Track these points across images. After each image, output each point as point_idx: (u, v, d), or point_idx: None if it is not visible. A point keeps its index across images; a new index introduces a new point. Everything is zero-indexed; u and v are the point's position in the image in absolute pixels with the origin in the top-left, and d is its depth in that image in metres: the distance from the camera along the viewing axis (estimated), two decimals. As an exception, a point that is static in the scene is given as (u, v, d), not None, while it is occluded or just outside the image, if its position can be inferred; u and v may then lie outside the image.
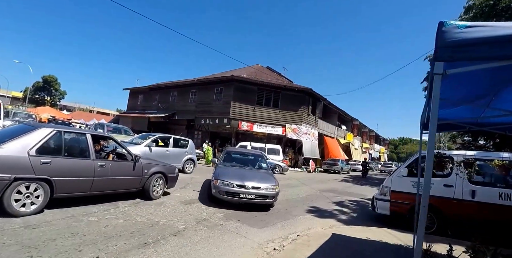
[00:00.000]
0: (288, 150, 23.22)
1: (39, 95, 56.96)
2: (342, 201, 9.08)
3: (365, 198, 10.17)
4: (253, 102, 22.45)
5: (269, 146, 19.53)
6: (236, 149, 11.74)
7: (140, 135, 12.30)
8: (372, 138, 47.25)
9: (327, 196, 9.86)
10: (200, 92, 25.17)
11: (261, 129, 22.01)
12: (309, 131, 23.78)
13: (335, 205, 8.34)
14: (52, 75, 57.32)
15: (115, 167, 5.36)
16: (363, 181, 18.06)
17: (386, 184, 6.13)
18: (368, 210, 7.74)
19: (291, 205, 7.46)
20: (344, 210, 7.65)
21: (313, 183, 13.73)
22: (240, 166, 7.74)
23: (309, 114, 24.26)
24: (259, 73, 25.66)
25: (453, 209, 5.24)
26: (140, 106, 32.59)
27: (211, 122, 22.98)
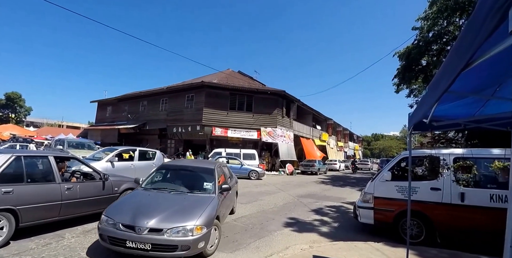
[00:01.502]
0: (265, 154, 22.98)
1: (3, 113, 54.04)
2: (321, 208, 8.70)
3: (344, 202, 9.93)
4: (226, 107, 22.04)
5: (245, 151, 19.20)
6: (176, 162, 7.37)
7: (103, 149, 11.51)
8: (346, 136, 48.21)
9: (305, 203, 9.52)
10: (170, 100, 24.40)
11: (235, 134, 21.63)
12: (285, 133, 23.69)
13: (315, 213, 7.90)
14: (15, 92, 55.05)
15: (83, 189, 5.18)
16: (340, 182, 18.07)
17: (368, 190, 5.70)
18: (349, 218, 7.37)
19: (267, 218, 6.97)
20: (324, 220, 7.20)
21: (290, 188, 13.48)
22: (165, 190, 4.77)
23: (283, 116, 24.19)
24: (230, 78, 25.30)
25: (442, 215, 4.85)
26: (109, 118, 31.16)
27: (183, 130, 22.29)
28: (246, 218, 6.77)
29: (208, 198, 4.46)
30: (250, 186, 12.89)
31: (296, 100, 25.60)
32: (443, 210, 4.84)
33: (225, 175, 5.98)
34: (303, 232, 5.89)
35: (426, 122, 3.30)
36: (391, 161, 5.99)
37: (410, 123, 3.43)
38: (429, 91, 2.40)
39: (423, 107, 2.74)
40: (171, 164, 6.01)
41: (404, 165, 5.71)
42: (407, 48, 15.78)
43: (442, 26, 14.34)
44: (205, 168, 5.47)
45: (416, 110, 3.25)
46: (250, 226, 6.07)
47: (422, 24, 14.74)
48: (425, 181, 4.94)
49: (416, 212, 4.84)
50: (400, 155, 6.00)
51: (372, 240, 5.12)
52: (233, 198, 6.68)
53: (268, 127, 22.40)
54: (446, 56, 14.86)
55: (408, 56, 15.47)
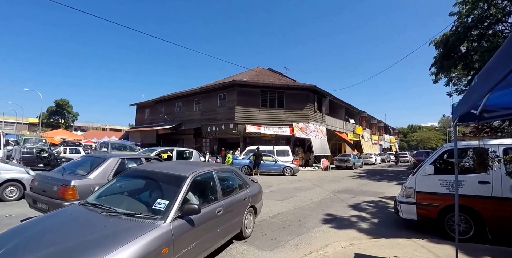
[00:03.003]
0: (298, 150, 22.87)
1: (54, 119, 59.01)
2: (359, 204, 8.53)
3: (383, 197, 9.67)
4: (258, 105, 22.23)
5: (278, 148, 19.28)
6: (148, 166, 4.77)
7: (143, 150, 12.23)
8: (381, 129, 46.36)
9: (342, 198, 9.41)
10: (204, 100, 25.11)
11: (268, 131, 21.75)
12: (317, 128, 23.40)
13: (353, 209, 7.76)
14: (64, 99, 59.79)
15: None
16: (377, 176, 17.51)
17: (410, 185, 5.49)
18: (389, 213, 7.20)
19: (304, 214, 6.96)
20: (363, 216, 7.03)
21: (326, 183, 13.35)
22: (101, 208, 3.17)
23: (315, 111, 23.90)
24: (261, 76, 25.46)
25: (493, 209, 4.56)
26: (148, 119, 32.78)
27: (217, 129, 22.85)
28: (283, 215, 6.82)
29: (142, 229, 2.63)
30: (285, 183, 12.98)
31: (328, 94, 25.13)
32: (494, 204, 4.56)
33: (217, 187, 4.09)
34: (342, 228, 5.80)
35: (476, 113, 3.08)
36: (433, 154, 5.72)
37: (455, 114, 3.21)
38: (478, 80, 2.27)
39: (471, 97, 2.53)
40: (140, 168, 4.41)
41: (447, 157, 5.47)
42: (444, 35, 14.85)
43: (483, 9, 13.25)
44: (175, 176, 3.66)
45: (462, 101, 3.02)
46: (287, 223, 6.08)
47: (460, 9, 13.77)
48: (472, 174, 4.64)
49: (463, 206, 4.58)
50: (443, 147, 5.71)
51: (415, 237, 4.95)
52: (238, 220, 4.41)
53: (300, 122, 22.27)
54: (488, 41, 13.71)
55: (446, 44, 14.55)
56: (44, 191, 4.94)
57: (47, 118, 58.38)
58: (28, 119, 60.42)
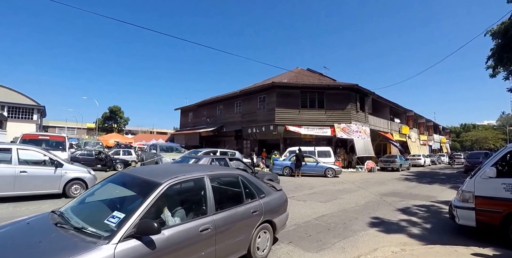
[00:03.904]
0: (340, 151, 22.27)
1: (108, 124, 64.38)
2: (408, 207, 8.09)
3: (435, 201, 9.06)
4: (298, 106, 22.08)
5: (319, 149, 18.96)
6: (133, 170, 3.77)
7: (189, 152, 12.81)
8: (430, 128, 43.17)
9: (389, 201, 8.99)
10: (244, 102, 25.59)
11: (308, 131, 21.49)
12: (360, 129, 22.58)
13: (401, 213, 7.39)
14: (116, 105, 65.17)
15: None
16: (427, 179, 16.37)
17: (467, 189, 5.08)
18: (443, 218, 6.75)
19: (350, 217, 6.78)
20: (413, 220, 6.66)
21: (371, 185, 12.82)
22: (66, 220, 2.73)
23: (358, 111, 23.10)
24: (300, 76, 25.29)
25: None
26: (191, 123, 34.25)
27: (257, 131, 23.12)
28: (327, 217, 6.73)
29: (74, 251, 2.10)
30: (327, 184, 12.74)
31: (371, 93, 24.14)
32: None
33: (208, 198, 3.27)
34: (390, 233, 5.57)
35: None
36: (494, 155, 5.24)
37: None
38: None
39: None
40: (126, 171, 3.73)
41: (510, 159, 4.98)
42: (503, 25, 13.45)
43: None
44: (147, 182, 3.03)
45: None
46: (332, 225, 5.99)
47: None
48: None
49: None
50: (506, 147, 5.18)
51: (473, 245, 4.60)
52: (242, 239, 3.54)
53: (342, 123, 21.68)
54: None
55: (505, 34, 13.20)
56: None
57: (102, 123, 63.80)
58: (87, 125, 66.60)
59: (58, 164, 7.84)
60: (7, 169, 7.08)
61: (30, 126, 40.90)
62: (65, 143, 12.94)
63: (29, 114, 44.43)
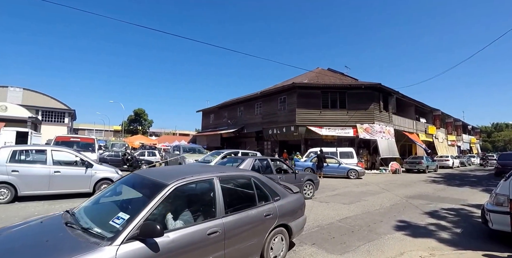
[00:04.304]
0: (363, 152, 21.78)
1: (133, 126, 66.68)
2: (436, 211, 7.77)
3: (465, 204, 8.64)
4: (319, 106, 21.85)
5: (341, 150, 18.64)
6: (144, 171, 3.77)
7: (211, 153, 13.01)
8: (458, 128, 41.14)
9: (416, 204, 8.67)
10: (264, 104, 25.64)
11: (330, 132, 21.19)
12: (384, 129, 21.97)
13: (429, 217, 7.10)
14: (141, 108, 67.49)
15: (285, 178, 8.47)
16: (457, 181, 15.62)
17: (502, 192, 4.83)
18: (474, 223, 6.45)
19: (374, 220, 6.61)
20: (442, 224, 6.39)
21: (395, 187, 12.44)
22: (77, 220, 2.81)
23: (381, 111, 22.50)
24: (321, 76, 25.02)
25: None
26: (212, 124, 34.75)
27: (278, 132, 23.07)
28: (351, 219, 6.62)
29: (76, 251, 2.12)
30: (350, 186, 12.51)
31: (395, 92, 23.43)
32: None
33: (217, 200, 3.17)
34: (418, 237, 5.39)
35: None
36: None
37: None
38: None
39: None
40: (137, 172, 3.73)
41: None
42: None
43: None
44: (154, 183, 3.03)
45: None
46: (356, 227, 5.88)
47: None
48: None
49: None
50: None
51: (507, 251, 4.37)
52: (254, 244, 3.39)
53: (364, 123, 21.21)
54: None
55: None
56: None
57: (128, 125, 66.06)
58: (113, 127, 69.36)
59: (88, 165, 8.25)
60: (42, 169, 7.56)
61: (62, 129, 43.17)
62: (94, 144, 13.55)
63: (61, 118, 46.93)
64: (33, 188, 7.42)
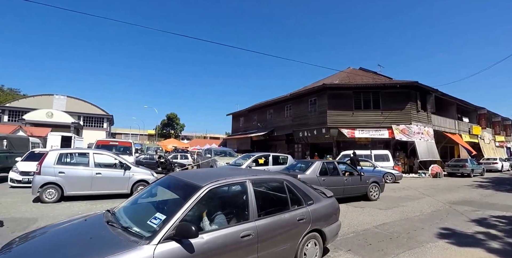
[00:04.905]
0: (399, 154, 20.75)
1: (166, 130, 69.34)
2: (485, 218, 7.15)
3: (521, 211, 7.91)
4: (351, 107, 21.19)
5: (376, 152, 17.88)
6: (179, 173, 4.22)
7: (242, 156, 13.08)
8: (508, 128, 37.63)
9: (461, 211, 8.04)
10: (294, 106, 25.38)
11: (364, 134, 20.45)
12: (422, 130, 20.78)
13: (477, 224, 6.55)
14: (173, 113, 70.38)
15: (351, 179, 9.08)
16: (507, 186, 14.28)
17: None
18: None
19: (414, 226, 6.22)
20: (493, 233, 5.85)
21: (437, 193, 11.66)
22: (118, 219, 2.94)
23: (419, 111, 21.32)
24: (352, 77, 24.30)
25: None
26: (242, 127, 35.03)
27: (309, 134, 22.70)
28: (389, 225, 6.30)
29: (116, 249, 2.21)
30: (387, 190, 11.90)
31: (433, 90, 22.08)
32: None
33: (250, 203, 3.16)
34: (464, 246, 4.98)
35: None
36: None
37: None
38: None
39: None
40: (172, 174, 3.81)
41: None
42: None
43: None
44: (188, 185, 3.10)
45: None
46: (395, 234, 5.57)
47: None
48: None
49: None
50: None
51: None
52: (286, 249, 3.34)
53: (401, 124, 20.22)
54: None
55: None
56: None
57: (161, 129, 68.79)
58: (147, 131, 72.52)
59: (126, 167, 8.64)
60: (85, 171, 8.04)
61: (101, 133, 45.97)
62: (131, 148, 14.21)
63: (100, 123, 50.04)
64: (77, 189, 7.93)
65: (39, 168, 7.68)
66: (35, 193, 7.62)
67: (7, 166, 11.33)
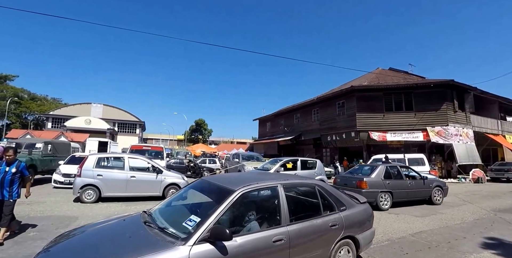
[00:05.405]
0: (435, 158, 19.63)
1: (194, 135, 71.14)
2: (538, 228, 6.54)
3: None
4: (381, 109, 20.47)
5: (409, 156, 16.99)
6: (211, 177, 4.11)
7: (269, 161, 13.00)
8: (562, 127, 34.35)
9: (508, 219, 7.39)
10: (322, 109, 25.00)
11: (396, 137, 19.62)
12: (460, 131, 19.54)
13: (528, 234, 6.01)
14: (201, 119, 72.26)
15: (415, 183, 9.24)
16: None
17: None
18: None
19: (455, 236, 5.81)
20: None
21: (480, 199, 10.86)
22: (154, 220, 3.06)
23: (456, 111, 20.09)
24: (382, 77, 23.50)
25: None
26: (269, 132, 35.04)
27: (337, 138, 22.19)
28: (427, 234, 5.95)
29: (154, 248, 2.31)
30: (423, 196, 11.32)
31: (472, 88, 20.67)
32: None
33: (282, 208, 3.15)
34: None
35: None
36: None
37: None
38: None
39: None
40: (205, 178, 3.92)
41: None
42: None
43: None
44: (221, 189, 3.15)
45: None
46: (433, 243, 5.25)
47: None
48: None
49: None
50: None
51: None
52: (319, 255, 3.28)
53: (436, 125, 19.17)
54: None
55: None
56: (345, 184, 8.96)
57: (190, 134, 70.61)
58: (177, 136, 74.79)
59: (159, 171, 8.94)
60: (121, 174, 8.44)
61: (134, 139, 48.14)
62: (163, 152, 14.69)
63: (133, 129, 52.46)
64: (113, 190, 8.34)
65: (79, 171, 8.19)
66: (75, 194, 8.14)
67: (51, 168, 12.18)
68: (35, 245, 4.38)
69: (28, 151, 11.44)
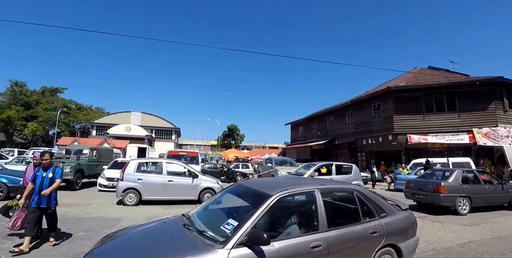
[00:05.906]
0: (484, 162, 18.12)
1: (227, 141, 72.56)
2: None
3: None
4: (421, 111, 19.39)
5: (454, 160, 15.84)
6: (247, 181, 4.19)
7: (303, 166, 12.85)
8: None
9: None
10: (356, 112, 24.28)
11: (438, 139, 18.44)
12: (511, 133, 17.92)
13: None
14: (233, 124, 73.73)
15: (493, 188, 9.10)
16: None
17: None
18: None
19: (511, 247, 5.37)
20: None
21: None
22: (192, 223, 3.15)
23: (506, 110, 18.42)
24: (420, 77, 22.32)
25: None
26: (302, 136, 34.66)
27: (373, 141, 21.37)
28: (477, 244, 5.52)
29: (194, 251, 2.36)
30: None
31: (524, 85, 18.92)
32: None
33: (319, 213, 3.07)
34: None
35: None
36: None
37: None
38: None
39: None
40: (241, 182, 3.96)
41: None
42: None
43: None
44: (258, 193, 3.15)
45: None
46: (485, 255, 4.86)
47: None
48: None
49: None
50: None
51: None
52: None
53: (483, 126, 17.73)
54: None
55: None
56: (420, 188, 9.02)
57: (223, 140, 72.00)
58: (210, 142, 76.64)
59: (194, 175, 9.23)
60: (159, 178, 8.83)
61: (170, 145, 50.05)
62: (198, 157, 15.16)
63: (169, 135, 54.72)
64: (152, 194, 8.74)
65: (122, 175, 8.69)
66: (118, 197, 8.63)
67: (96, 173, 13.06)
68: (83, 244, 4.71)
69: (76, 157, 12.40)
